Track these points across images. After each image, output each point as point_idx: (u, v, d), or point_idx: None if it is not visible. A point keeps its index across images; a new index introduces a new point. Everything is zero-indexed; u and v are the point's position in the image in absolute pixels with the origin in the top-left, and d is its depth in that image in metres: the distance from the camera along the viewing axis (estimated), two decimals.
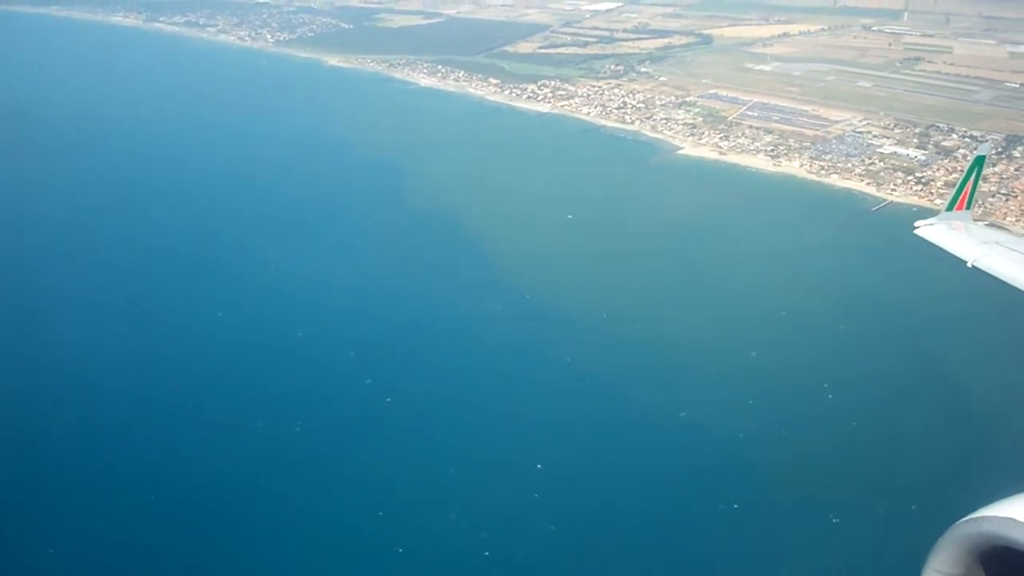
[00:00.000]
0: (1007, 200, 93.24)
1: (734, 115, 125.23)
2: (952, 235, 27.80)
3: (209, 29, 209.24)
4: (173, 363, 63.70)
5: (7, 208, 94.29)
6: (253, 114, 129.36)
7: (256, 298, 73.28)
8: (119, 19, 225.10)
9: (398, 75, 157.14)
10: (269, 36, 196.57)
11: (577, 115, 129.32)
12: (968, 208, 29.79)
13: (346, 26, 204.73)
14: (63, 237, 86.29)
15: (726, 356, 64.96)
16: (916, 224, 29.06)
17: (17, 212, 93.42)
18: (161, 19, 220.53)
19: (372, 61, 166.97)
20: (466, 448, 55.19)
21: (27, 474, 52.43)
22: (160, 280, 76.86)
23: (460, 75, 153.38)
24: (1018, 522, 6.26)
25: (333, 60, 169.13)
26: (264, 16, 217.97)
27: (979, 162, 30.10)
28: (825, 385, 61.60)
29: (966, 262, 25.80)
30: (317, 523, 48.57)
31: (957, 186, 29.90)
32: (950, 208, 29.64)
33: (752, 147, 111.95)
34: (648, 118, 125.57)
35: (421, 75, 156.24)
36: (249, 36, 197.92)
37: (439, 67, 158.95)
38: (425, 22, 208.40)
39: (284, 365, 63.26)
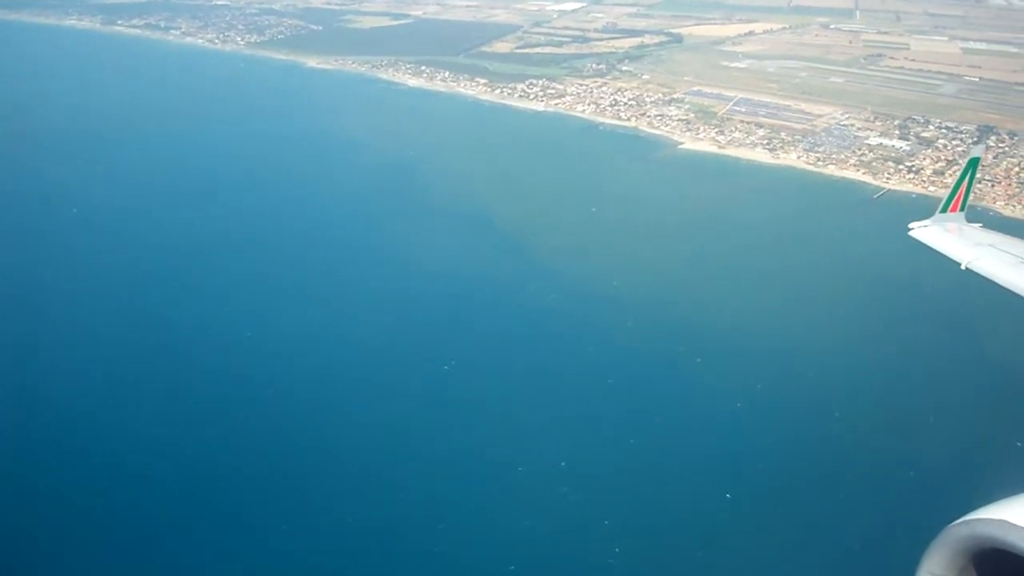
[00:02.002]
0: (993, 186, 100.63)
1: (723, 111, 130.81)
2: (946, 237, 28.29)
3: (173, 32, 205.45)
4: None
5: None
6: (257, 118, 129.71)
7: (322, 296, 75.09)
8: (73, 22, 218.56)
9: (383, 76, 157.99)
10: (239, 38, 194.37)
11: (572, 113, 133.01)
12: (962, 210, 30.02)
13: (315, 28, 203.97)
14: (84, 244, 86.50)
15: (775, 335, 68.99)
16: (911, 226, 29.47)
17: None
18: (119, 22, 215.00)
19: (352, 62, 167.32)
20: (562, 429, 58.41)
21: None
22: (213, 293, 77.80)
23: (446, 75, 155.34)
24: (1011, 524, 6.33)
25: (312, 62, 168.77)
26: (227, 18, 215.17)
27: (973, 164, 30.25)
28: (869, 366, 65.77)
29: (960, 264, 26.44)
30: (450, 506, 51.21)
31: (951, 188, 30.18)
32: (944, 210, 29.91)
33: (748, 141, 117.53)
34: (642, 115, 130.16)
35: (406, 76, 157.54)
36: (218, 39, 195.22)
37: (422, 68, 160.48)
38: (394, 23, 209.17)
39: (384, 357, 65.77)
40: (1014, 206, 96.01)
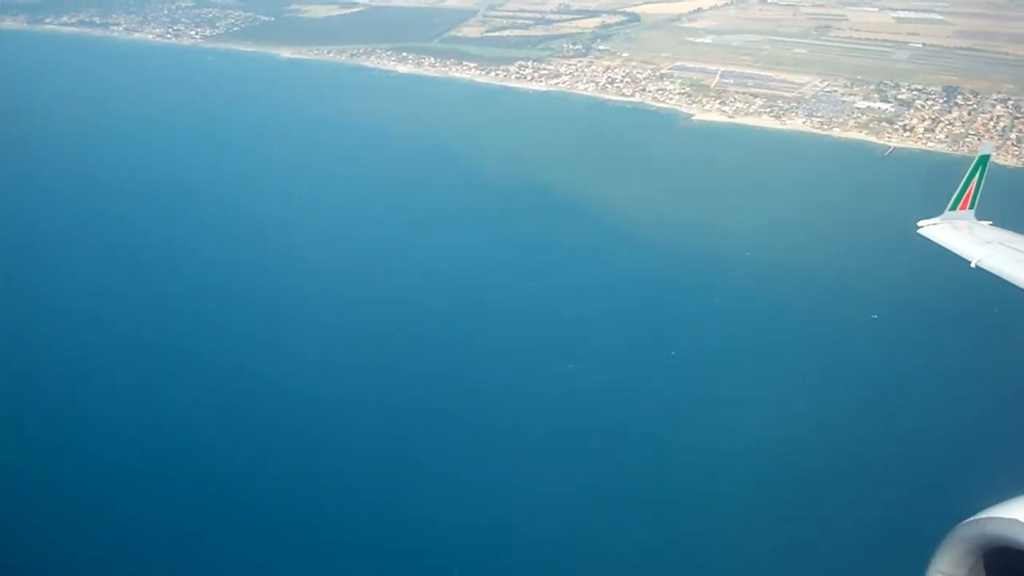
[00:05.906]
0: (980, 139, 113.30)
1: (713, 83, 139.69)
2: (956, 235, 28.47)
3: (113, 28, 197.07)
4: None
5: None
6: (271, 110, 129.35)
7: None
8: None
9: (368, 64, 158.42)
10: (192, 32, 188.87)
11: (574, 91, 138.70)
12: (972, 208, 29.73)
13: (266, 18, 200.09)
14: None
15: (856, 282, 77.48)
16: (920, 223, 29.56)
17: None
18: (47, 20, 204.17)
19: (327, 51, 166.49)
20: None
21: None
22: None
23: (433, 61, 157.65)
24: (1022, 523, 6.36)
25: (286, 53, 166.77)
26: (165, 12, 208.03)
27: (983, 161, 29.54)
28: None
29: (969, 262, 26.61)
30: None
31: (960, 185, 29.67)
32: (954, 207, 29.63)
33: (752, 110, 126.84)
34: (643, 91, 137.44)
35: (392, 63, 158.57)
36: (169, 33, 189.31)
37: (405, 54, 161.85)
38: (345, 11, 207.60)
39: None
40: (1004, 155, 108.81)
